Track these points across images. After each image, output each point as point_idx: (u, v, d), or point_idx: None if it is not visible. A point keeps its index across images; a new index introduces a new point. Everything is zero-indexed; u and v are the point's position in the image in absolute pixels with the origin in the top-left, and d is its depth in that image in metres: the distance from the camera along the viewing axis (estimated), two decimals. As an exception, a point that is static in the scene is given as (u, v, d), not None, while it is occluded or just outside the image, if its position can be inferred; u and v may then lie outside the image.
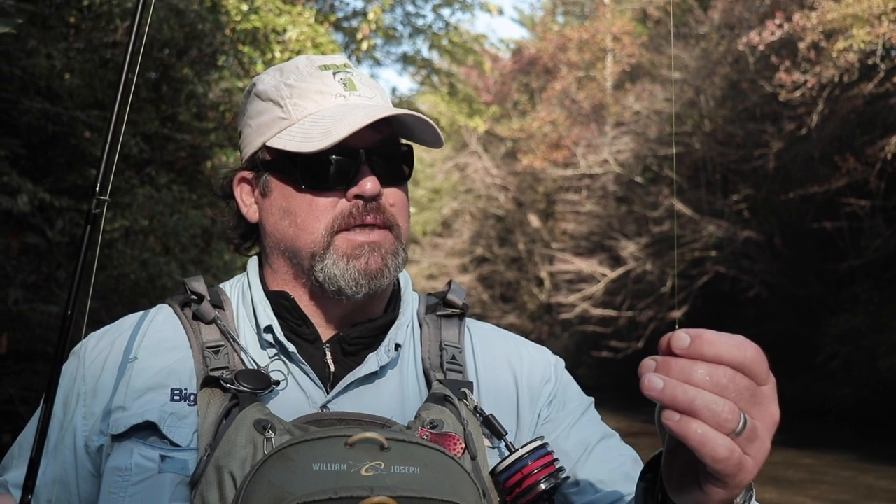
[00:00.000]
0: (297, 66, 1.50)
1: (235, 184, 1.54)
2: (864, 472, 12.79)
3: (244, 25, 9.81)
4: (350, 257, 1.42)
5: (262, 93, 1.50)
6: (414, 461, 1.21)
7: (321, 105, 1.45)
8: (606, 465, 1.46)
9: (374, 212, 1.43)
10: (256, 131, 1.49)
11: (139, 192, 8.74)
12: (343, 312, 1.48)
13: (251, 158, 1.51)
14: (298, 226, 1.44)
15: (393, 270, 1.44)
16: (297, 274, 1.48)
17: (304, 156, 1.42)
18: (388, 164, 1.46)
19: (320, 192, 1.43)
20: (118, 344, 1.46)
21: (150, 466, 1.33)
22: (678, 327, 0.97)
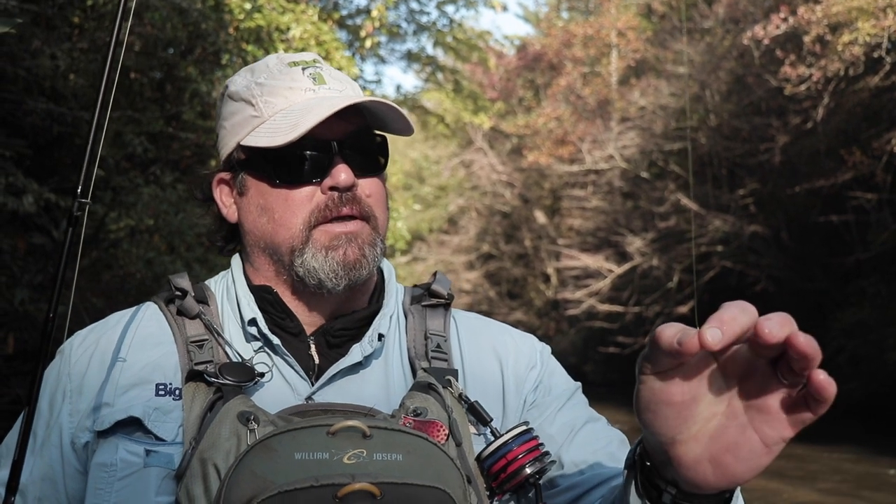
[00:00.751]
0: (268, 65, 1.52)
1: (214, 186, 1.55)
2: (873, 466, 12.77)
3: (247, 24, 9.82)
4: (328, 249, 1.42)
5: (234, 93, 1.52)
6: (397, 448, 1.21)
7: (291, 100, 1.46)
8: (591, 446, 1.47)
9: (349, 203, 1.44)
10: (231, 132, 1.51)
11: (144, 192, 8.76)
12: (327, 306, 1.49)
13: (227, 159, 1.52)
14: (276, 222, 1.45)
15: (371, 261, 1.45)
16: (278, 270, 1.49)
17: (276, 151, 1.43)
18: (362, 155, 1.47)
19: (295, 187, 1.44)
20: (103, 341, 1.47)
21: (135, 461, 1.34)
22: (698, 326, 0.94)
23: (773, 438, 1.00)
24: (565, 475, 1.45)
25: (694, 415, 1.01)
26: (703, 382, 1.00)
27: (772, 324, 0.92)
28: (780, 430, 0.99)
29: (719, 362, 1.00)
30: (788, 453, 11.21)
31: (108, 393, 1.40)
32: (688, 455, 1.02)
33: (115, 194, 8.91)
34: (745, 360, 0.99)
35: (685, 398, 1.00)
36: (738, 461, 1.01)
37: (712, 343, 0.90)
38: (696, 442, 1.02)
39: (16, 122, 8.06)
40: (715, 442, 1.01)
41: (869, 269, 18.31)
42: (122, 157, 9.02)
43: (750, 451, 1.00)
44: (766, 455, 1.00)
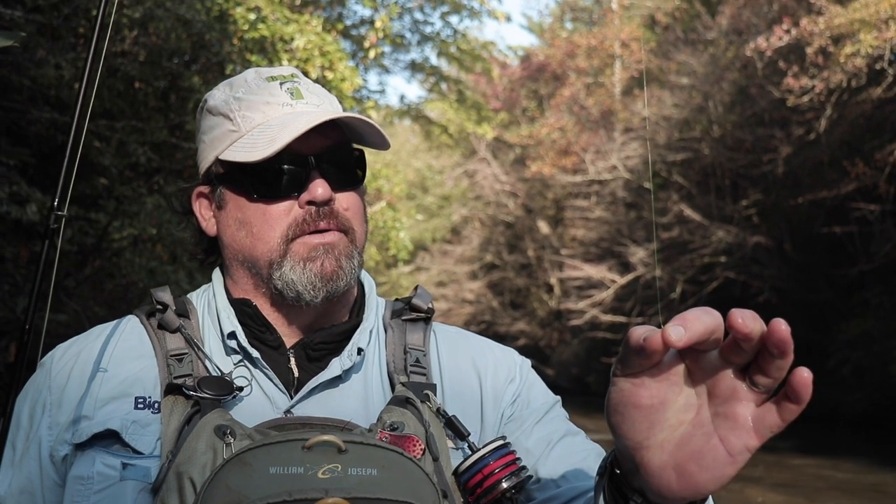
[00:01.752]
0: (246, 80, 1.53)
1: (194, 199, 1.56)
2: (877, 478, 12.72)
3: (252, 34, 9.85)
4: (306, 260, 1.43)
5: (212, 108, 1.53)
6: (371, 463, 1.21)
7: (268, 115, 1.47)
8: (568, 459, 1.47)
9: (326, 217, 1.44)
10: (210, 146, 1.52)
11: (147, 201, 8.77)
12: (305, 319, 1.49)
13: (206, 173, 1.53)
14: (254, 235, 1.46)
15: (348, 272, 1.45)
16: (256, 283, 1.49)
17: (253, 166, 1.44)
18: (339, 169, 1.48)
19: (273, 201, 1.45)
20: (84, 354, 1.47)
21: (111, 474, 1.34)
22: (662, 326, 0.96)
23: (737, 447, 1.00)
24: (542, 488, 1.45)
25: (661, 421, 1.02)
26: (671, 388, 1.02)
27: (745, 315, 0.93)
28: (746, 438, 1.00)
29: (689, 369, 1.02)
30: (791, 465, 11.17)
31: (87, 406, 1.40)
32: (653, 462, 1.03)
33: (118, 203, 8.92)
34: (715, 369, 1.00)
35: (653, 402, 1.02)
36: (701, 469, 1.01)
37: (675, 340, 0.93)
38: (661, 449, 1.03)
39: (20, 131, 8.08)
40: (680, 449, 1.02)
41: (873, 281, 18.29)
42: (126, 166, 9.03)
43: (714, 460, 1.01)
44: (731, 465, 1.00)
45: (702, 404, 1.02)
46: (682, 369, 1.02)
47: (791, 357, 0.95)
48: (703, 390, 1.02)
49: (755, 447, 1.00)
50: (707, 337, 0.94)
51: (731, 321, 0.93)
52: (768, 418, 0.98)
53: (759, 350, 0.96)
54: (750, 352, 0.96)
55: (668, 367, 1.01)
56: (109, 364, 1.44)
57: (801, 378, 0.94)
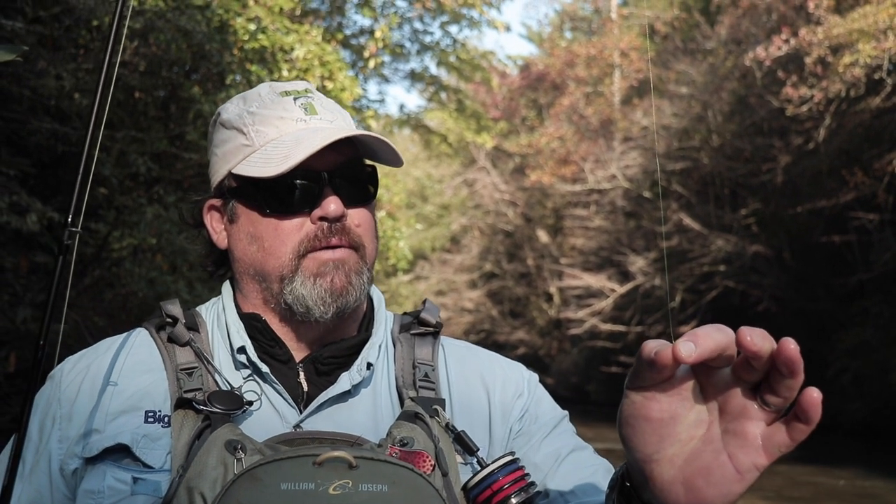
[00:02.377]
0: (260, 94, 1.53)
1: (205, 212, 1.57)
2: (876, 487, 12.71)
3: (252, 45, 9.87)
4: (316, 276, 1.43)
5: (226, 121, 1.53)
6: (382, 479, 1.21)
7: (282, 130, 1.47)
8: (576, 475, 1.47)
9: (339, 233, 1.45)
10: (222, 159, 1.52)
11: (147, 211, 8.78)
12: (315, 334, 1.49)
13: (218, 186, 1.53)
14: (266, 250, 1.46)
15: (358, 289, 1.45)
16: (266, 298, 1.49)
17: (266, 181, 1.44)
18: (352, 185, 1.48)
19: (285, 216, 1.45)
20: (94, 367, 1.47)
21: (122, 489, 1.34)
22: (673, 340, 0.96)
23: (746, 465, 1.00)
24: (550, 502, 1.46)
25: (671, 435, 1.03)
26: (682, 403, 1.02)
27: (754, 333, 0.94)
28: (755, 457, 1.00)
29: (701, 385, 1.02)
30: (790, 474, 11.14)
31: (97, 419, 1.40)
32: (662, 476, 1.04)
33: (118, 213, 8.93)
34: (727, 386, 1.01)
35: (663, 415, 1.02)
36: (709, 486, 1.01)
37: (685, 356, 0.93)
38: (670, 463, 1.03)
39: (20, 141, 8.09)
40: (689, 465, 1.02)
41: (872, 290, 18.29)
42: (126, 176, 9.04)
43: (722, 477, 1.01)
44: (739, 482, 1.01)
45: (713, 420, 1.03)
46: (693, 385, 1.02)
47: (801, 377, 0.95)
48: (715, 407, 1.03)
49: (764, 466, 1.00)
50: (717, 354, 0.95)
51: (740, 339, 0.94)
52: (778, 437, 0.99)
53: (770, 368, 0.96)
54: (760, 370, 0.96)
55: (679, 382, 1.02)
56: (119, 377, 1.44)
57: (810, 398, 0.95)
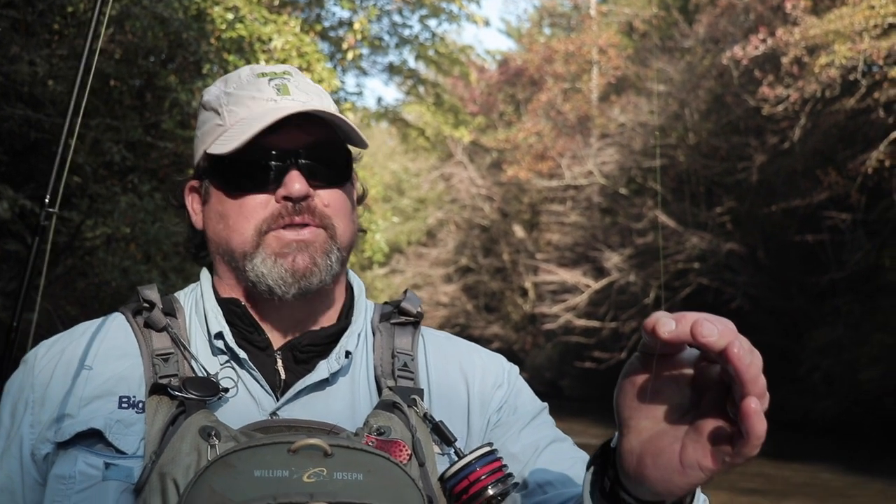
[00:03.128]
0: (240, 76, 1.53)
1: (186, 193, 1.56)
2: (846, 484, 12.85)
3: (229, 34, 9.79)
4: (278, 255, 1.42)
5: (206, 103, 1.54)
6: (357, 467, 1.20)
7: (253, 110, 1.47)
8: (556, 466, 1.46)
9: (303, 212, 1.43)
10: (200, 140, 1.52)
11: (121, 200, 8.69)
12: (291, 318, 1.48)
13: (196, 167, 1.53)
14: (230, 228, 1.46)
15: (323, 270, 1.44)
16: (237, 278, 1.48)
17: (233, 159, 1.44)
18: (322, 165, 1.47)
19: (250, 194, 1.45)
20: (68, 352, 1.45)
21: (94, 474, 1.33)
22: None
23: (690, 461, 1.01)
24: (529, 494, 1.45)
25: (650, 409, 1.05)
26: (672, 385, 1.04)
27: (709, 325, 0.95)
28: (701, 456, 1.00)
29: (696, 375, 1.04)
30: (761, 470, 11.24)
31: (70, 404, 1.38)
32: (628, 443, 1.07)
33: (91, 202, 8.84)
34: (714, 382, 1.02)
35: (644, 385, 1.04)
36: (654, 467, 1.03)
37: (661, 331, 0.95)
38: (638, 434, 1.06)
39: (-7, 127, 7.99)
40: (650, 442, 1.05)
41: (843, 289, 18.48)
42: (100, 164, 8.95)
43: (666, 463, 1.02)
44: (680, 475, 1.02)
45: (691, 411, 1.04)
46: (691, 373, 1.04)
47: (752, 386, 0.95)
48: (698, 400, 1.04)
49: (709, 468, 1.00)
50: (688, 340, 0.96)
51: (694, 330, 0.95)
52: (725, 446, 0.99)
53: None
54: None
55: (679, 365, 1.04)
56: (94, 362, 1.43)
57: (745, 408, 0.94)
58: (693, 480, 1.02)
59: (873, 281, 17.58)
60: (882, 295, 17.18)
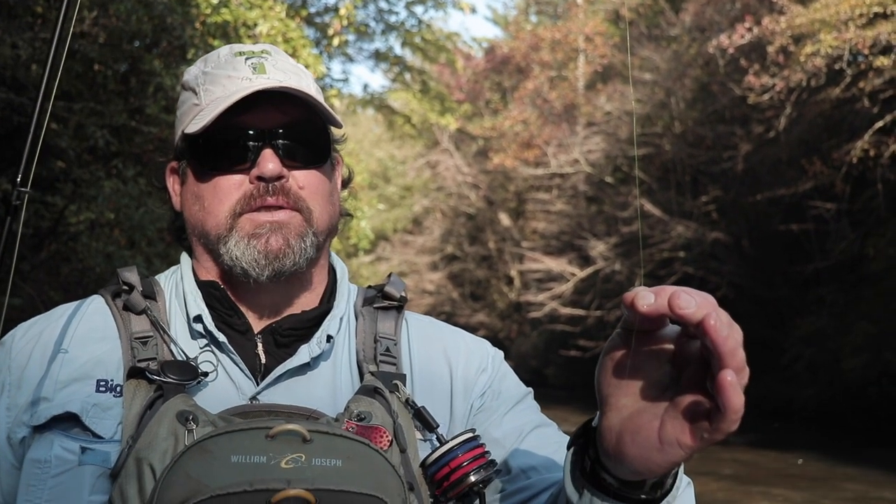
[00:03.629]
0: (219, 55, 1.51)
1: (167, 175, 1.55)
2: (829, 473, 12.94)
3: (214, 19, 9.73)
4: (251, 237, 1.41)
5: (185, 83, 1.52)
6: (336, 454, 1.19)
7: (227, 89, 1.44)
8: (540, 451, 1.45)
9: (277, 193, 1.41)
10: (179, 120, 1.51)
11: (105, 185, 8.65)
12: (270, 301, 1.47)
13: (175, 148, 1.51)
14: (206, 209, 1.44)
15: (297, 252, 1.42)
16: (214, 260, 1.47)
17: (206, 139, 1.42)
18: (298, 145, 1.45)
19: (223, 174, 1.43)
20: (46, 334, 1.43)
21: (70, 458, 1.31)
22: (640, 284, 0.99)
23: (669, 438, 1.00)
24: (513, 479, 1.44)
25: (629, 385, 1.04)
26: (652, 361, 1.04)
27: (687, 297, 0.94)
28: (679, 432, 1.00)
29: (677, 352, 1.03)
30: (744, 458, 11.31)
31: (46, 387, 1.36)
32: (608, 420, 1.06)
33: (75, 187, 8.78)
34: (695, 359, 1.00)
35: (624, 361, 1.04)
36: (633, 444, 1.03)
37: (639, 304, 0.95)
38: (618, 411, 1.05)
39: (-26, 111, 7.92)
40: (629, 419, 1.04)
41: (827, 278, 18.57)
42: (84, 149, 8.89)
43: (645, 440, 1.02)
44: (658, 451, 1.01)
45: (671, 388, 1.03)
46: (671, 350, 1.03)
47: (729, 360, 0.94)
48: (679, 376, 1.03)
49: (688, 445, 0.99)
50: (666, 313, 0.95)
51: (671, 301, 0.94)
52: (703, 422, 0.98)
53: None
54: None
55: (658, 341, 1.03)
56: (71, 345, 1.40)
57: (721, 380, 0.93)
58: (672, 458, 1.01)
59: (857, 270, 17.67)
60: (866, 284, 17.27)
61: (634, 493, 1.10)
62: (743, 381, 0.95)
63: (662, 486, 1.11)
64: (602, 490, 1.11)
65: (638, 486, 1.10)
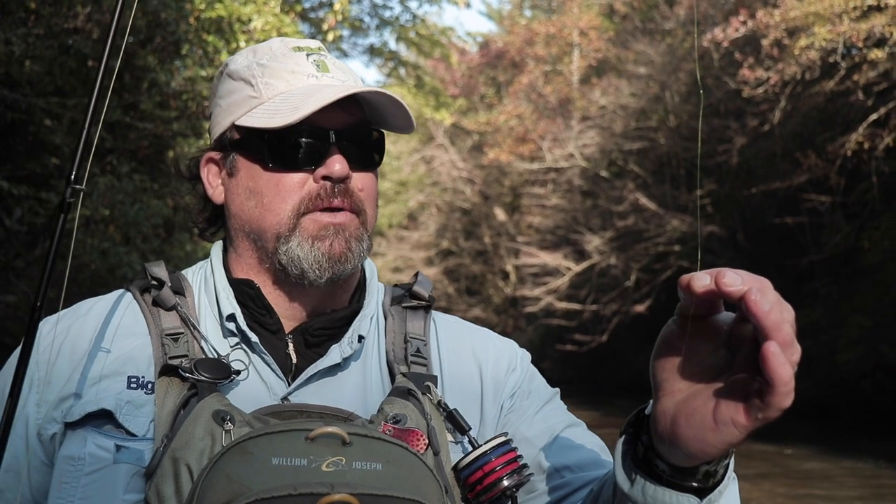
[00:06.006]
0: (271, 47, 1.48)
1: (203, 165, 1.51)
2: (823, 465, 12.97)
3: (209, 14, 9.71)
4: (315, 238, 1.39)
5: (233, 72, 1.48)
6: (376, 457, 1.18)
7: (293, 84, 1.43)
8: (573, 450, 1.45)
9: (341, 195, 1.40)
10: (226, 111, 1.47)
11: (100, 181, 8.64)
12: (308, 301, 1.45)
13: (220, 138, 1.48)
14: (264, 206, 1.41)
15: (357, 255, 1.41)
16: (261, 258, 1.44)
17: (272, 134, 1.39)
18: (359, 148, 1.44)
19: (288, 172, 1.40)
20: (74, 330, 1.41)
21: (104, 456, 1.29)
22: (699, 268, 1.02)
23: (723, 417, 1.02)
24: (547, 478, 1.44)
25: (684, 369, 1.06)
26: (706, 345, 1.06)
27: (733, 275, 0.98)
28: (734, 412, 1.01)
29: (731, 334, 1.05)
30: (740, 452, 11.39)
31: (77, 383, 1.35)
32: (662, 405, 1.08)
33: (67, 175, 8.75)
34: (748, 340, 1.02)
35: (679, 346, 1.06)
36: (687, 426, 1.04)
37: (696, 286, 0.99)
38: (672, 396, 1.07)
39: (-33, 108, 7.90)
40: (683, 403, 1.05)
41: (822, 271, 18.59)
42: (76, 138, 8.87)
43: (700, 421, 1.03)
44: (713, 431, 1.02)
45: (725, 371, 1.05)
46: (724, 333, 1.05)
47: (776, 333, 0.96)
48: (732, 359, 1.05)
49: (743, 424, 1.01)
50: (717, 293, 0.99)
51: (717, 280, 0.98)
52: (756, 400, 0.99)
53: None
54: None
55: (713, 325, 1.05)
56: (101, 341, 1.39)
57: (765, 351, 0.95)
58: (727, 438, 1.02)
59: (852, 263, 17.69)
60: (860, 277, 17.30)
61: (686, 481, 1.11)
62: (792, 358, 0.96)
63: (714, 475, 1.12)
64: (654, 478, 1.12)
65: (690, 474, 1.11)
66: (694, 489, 1.12)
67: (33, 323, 1.24)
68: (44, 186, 8.52)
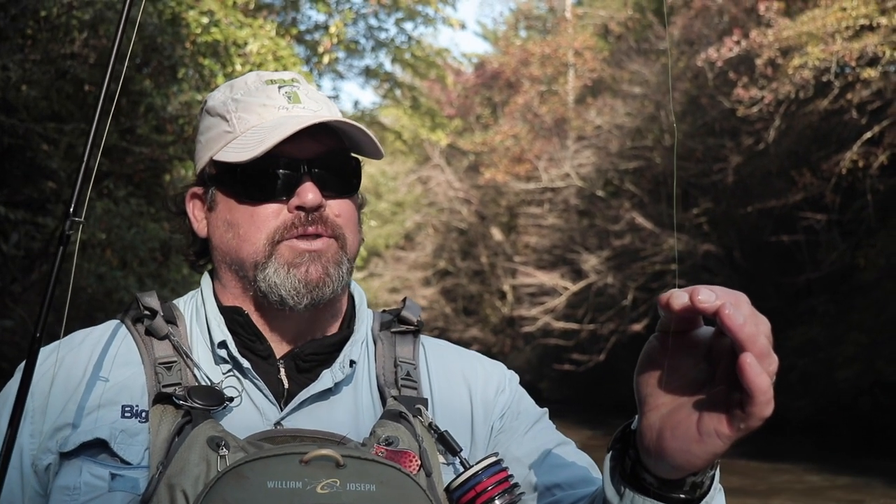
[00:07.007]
0: (246, 82, 1.51)
1: (188, 200, 1.54)
2: (822, 483, 12.94)
3: (204, 38, 9.74)
4: (290, 265, 1.41)
5: (211, 108, 1.52)
6: (370, 478, 1.19)
7: (263, 117, 1.46)
8: (564, 470, 1.47)
9: (316, 223, 1.42)
10: (205, 146, 1.50)
11: (97, 206, 8.64)
12: (292, 326, 1.47)
13: (200, 174, 1.51)
14: (241, 237, 1.44)
15: (335, 280, 1.43)
16: (244, 287, 1.47)
17: (244, 167, 1.42)
18: (333, 175, 1.46)
19: (261, 203, 1.43)
20: (68, 360, 1.43)
21: (99, 485, 1.31)
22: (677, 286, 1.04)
23: (707, 429, 1.04)
24: (538, 497, 1.45)
25: (668, 386, 1.09)
26: (687, 360, 1.08)
27: (707, 291, 1.00)
28: (717, 423, 1.04)
29: (710, 348, 1.07)
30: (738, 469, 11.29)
31: (72, 414, 1.36)
32: (647, 420, 1.10)
33: (66, 207, 8.77)
34: (728, 353, 1.05)
35: (661, 362, 1.09)
36: (673, 438, 1.07)
37: (675, 304, 1.01)
38: (656, 410, 1.10)
39: (-36, 133, 7.91)
40: (668, 416, 1.08)
41: (819, 289, 18.61)
42: (75, 170, 8.88)
43: (684, 433, 1.06)
44: (698, 443, 1.05)
45: (706, 384, 1.08)
46: (704, 347, 1.08)
47: (750, 345, 0.99)
48: (713, 372, 1.08)
49: (726, 435, 1.04)
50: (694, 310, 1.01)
51: (692, 296, 1.00)
52: (738, 410, 1.02)
53: None
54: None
55: (693, 340, 1.08)
56: (95, 370, 1.41)
57: (741, 362, 0.98)
58: (712, 448, 1.05)
59: (848, 281, 17.71)
60: (857, 294, 17.32)
61: (674, 493, 1.14)
62: (770, 369, 1.00)
63: (701, 486, 1.15)
64: (642, 491, 1.14)
65: (678, 486, 1.13)
66: (682, 500, 1.14)
67: (33, 354, 1.26)
68: (40, 211, 8.53)
